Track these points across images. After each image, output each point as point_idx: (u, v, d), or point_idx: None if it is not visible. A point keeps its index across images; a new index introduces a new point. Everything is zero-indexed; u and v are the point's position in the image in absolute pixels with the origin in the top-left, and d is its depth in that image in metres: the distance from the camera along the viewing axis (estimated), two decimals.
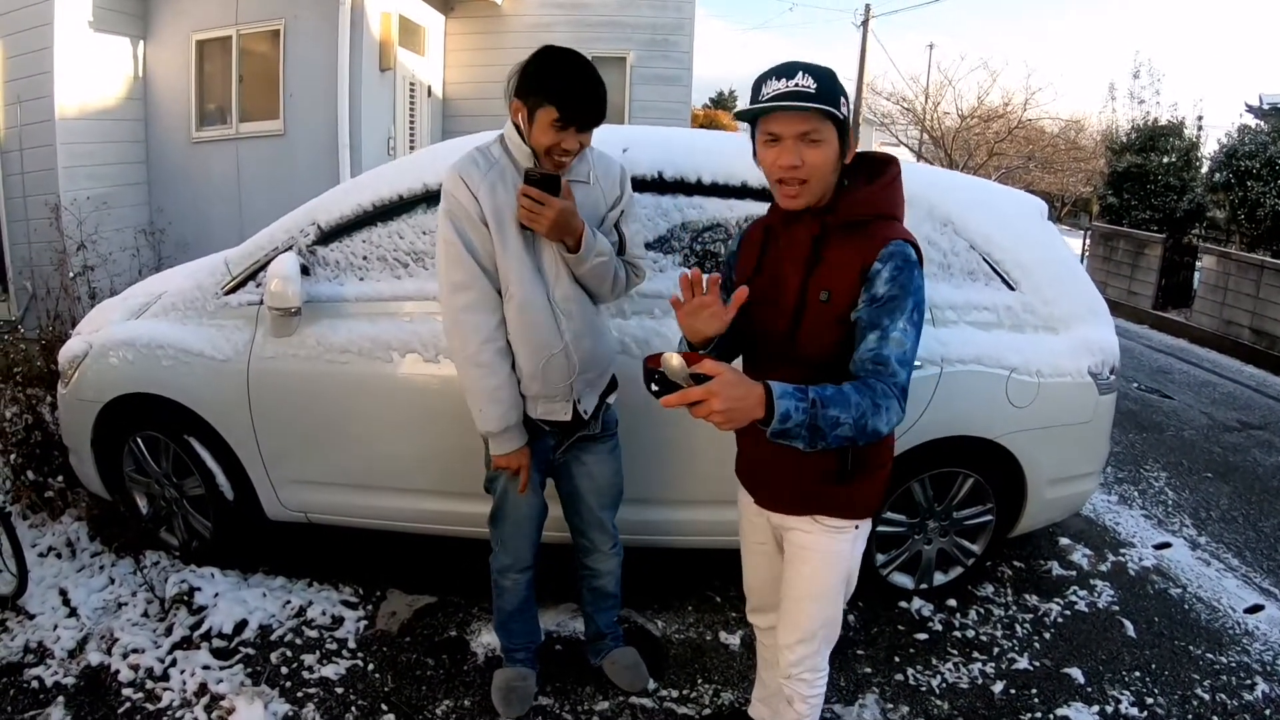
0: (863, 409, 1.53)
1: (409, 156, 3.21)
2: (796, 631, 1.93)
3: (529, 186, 1.95)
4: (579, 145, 2.02)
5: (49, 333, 4.11)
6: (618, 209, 2.20)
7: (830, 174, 1.67)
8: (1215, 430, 5.62)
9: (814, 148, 1.63)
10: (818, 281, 1.69)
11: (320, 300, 2.79)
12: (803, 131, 1.62)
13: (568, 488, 2.38)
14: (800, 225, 1.73)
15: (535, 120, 1.97)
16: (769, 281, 1.79)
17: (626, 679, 2.60)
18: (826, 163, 1.64)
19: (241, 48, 7.14)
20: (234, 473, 2.98)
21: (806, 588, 1.90)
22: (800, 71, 1.61)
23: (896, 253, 1.64)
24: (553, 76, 1.96)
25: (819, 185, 1.67)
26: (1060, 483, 3.10)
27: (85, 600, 2.89)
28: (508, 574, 2.39)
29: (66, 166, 6.16)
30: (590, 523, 2.41)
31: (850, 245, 1.67)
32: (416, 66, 8.63)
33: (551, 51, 2.00)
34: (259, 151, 7.15)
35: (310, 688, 2.56)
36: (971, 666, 2.82)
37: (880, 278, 1.62)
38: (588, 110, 1.98)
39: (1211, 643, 3.04)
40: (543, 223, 1.97)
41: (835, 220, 1.69)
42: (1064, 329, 2.98)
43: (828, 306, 1.68)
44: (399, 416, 2.78)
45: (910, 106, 19.12)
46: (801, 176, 1.65)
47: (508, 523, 2.33)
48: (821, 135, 1.62)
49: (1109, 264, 11.04)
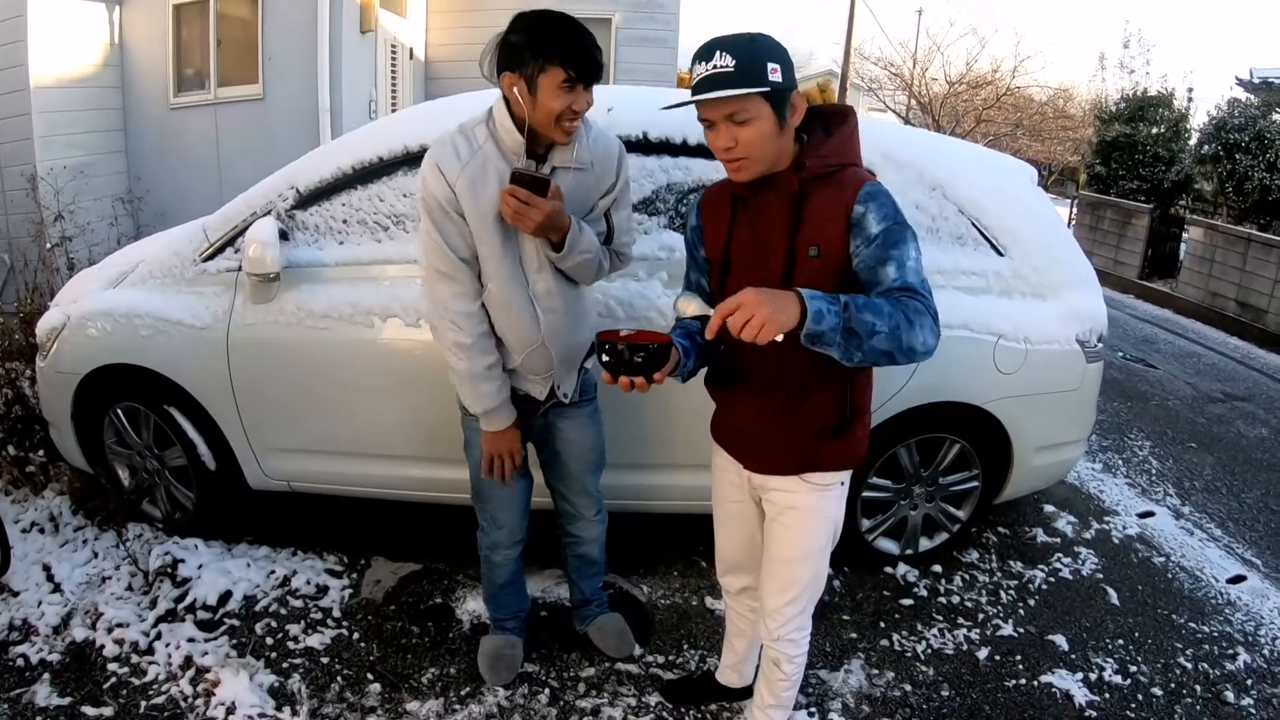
0: (896, 320, 1.50)
1: (389, 117, 3.14)
2: (784, 594, 1.92)
3: (515, 187, 1.86)
4: (587, 103, 1.92)
5: (27, 305, 4.05)
6: (611, 195, 2.11)
7: (771, 143, 1.65)
8: (1199, 401, 5.65)
9: (744, 127, 1.62)
10: (805, 239, 1.67)
11: (300, 265, 2.74)
12: (728, 114, 1.61)
13: (548, 454, 2.34)
14: (773, 187, 1.71)
15: (540, 87, 1.85)
16: (747, 249, 1.77)
17: (613, 645, 2.60)
18: (760, 136, 1.63)
19: (219, 11, 6.98)
20: (215, 442, 2.94)
21: (795, 548, 1.89)
22: (718, 51, 1.59)
23: (875, 192, 1.65)
24: (549, 37, 1.85)
25: (760, 157, 1.66)
26: (1046, 450, 3.10)
27: (69, 575, 2.87)
28: (499, 549, 2.36)
29: (42, 136, 6.04)
30: (573, 489, 2.38)
31: (827, 196, 1.67)
32: (398, 29, 8.48)
33: (535, 15, 1.89)
34: (238, 117, 7.02)
35: (295, 658, 2.55)
36: (956, 632, 2.83)
37: (869, 218, 1.62)
38: (594, 63, 1.89)
39: (1194, 612, 3.06)
40: (528, 224, 1.89)
41: (808, 175, 1.68)
42: (1052, 296, 2.96)
43: (819, 262, 1.66)
44: (381, 382, 2.75)
45: (898, 72, 19.02)
46: (738, 155, 1.65)
47: (494, 500, 2.29)
48: (748, 113, 1.60)
49: (1095, 233, 11.05)
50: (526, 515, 2.36)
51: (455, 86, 4.40)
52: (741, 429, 1.90)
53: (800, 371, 1.74)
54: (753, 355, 1.68)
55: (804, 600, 1.93)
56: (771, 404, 1.81)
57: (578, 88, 1.87)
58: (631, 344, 1.55)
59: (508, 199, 1.86)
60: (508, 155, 1.96)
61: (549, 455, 2.35)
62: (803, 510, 1.85)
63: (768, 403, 1.81)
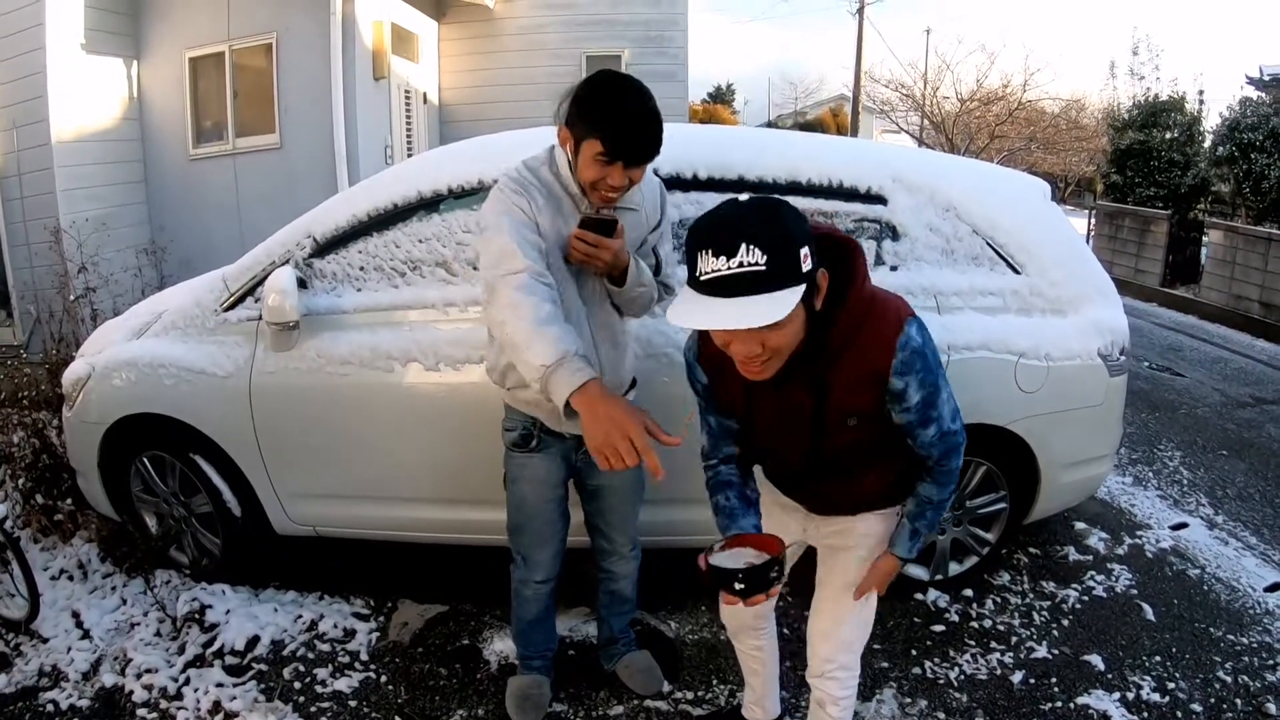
0: (948, 492, 1.74)
1: (402, 163, 3.19)
2: (833, 624, 1.89)
3: (584, 231, 1.88)
4: (628, 182, 1.88)
5: (53, 356, 4.12)
6: (658, 231, 2.16)
7: (800, 335, 1.44)
8: (1228, 407, 5.56)
9: (775, 331, 1.36)
10: (837, 409, 1.58)
11: (319, 313, 2.77)
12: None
13: (590, 487, 2.32)
14: (792, 371, 1.52)
15: (581, 151, 1.85)
16: (772, 415, 1.65)
17: (641, 683, 2.58)
18: (792, 337, 1.41)
19: (235, 63, 7.14)
20: (241, 489, 2.97)
21: (851, 572, 1.87)
22: (743, 245, 1.28)
23: (909, 360, 1.51)
24: (601, 104, 1.81)
25: (787, 352, 1.45)
26: (1073, 467, 3.06)
27: (98, 621, 2.90)
28: (529, 584, 2.35)
29: (65, 189, 6.16)
30: (612, 524, 2.37)
31: (856, 362, 1.52)
32: (411, 74, 8.62)
33: (603, 76, 1.86)
34: (257, 166, 7.16)
35: (324, 702, 2.55)
36: (990, 657, 2.79)
37: (910, 390, 1.54)
38: (637, 145, 1.82)
39: (1232, 624, 3.00)
40: (599, 265, 1.93)
41: (832, 347, 1.50)
42: (1072, 311, 2.93)
43: (856, 427, 1.61)
44: (402, 426, 2.77)
45: (909, 93, 19.05)
46: (764, 359, 1.42)
47: (528, 536, 2.29)
48: (784, 321, 1.33)
49: (1115, 242, 10.96)
50: (561, 555, 2.34)
51: (470, 130, 4.47)
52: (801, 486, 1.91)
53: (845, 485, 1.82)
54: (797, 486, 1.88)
55: (850, 638, 1.90)
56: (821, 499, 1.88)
57: (616, 165, 1.83)
58: (757, 569, 1.52)
59: (575, 244, 1.89)
60: (572, 193, 1.97)
61: (591, 488, 2.32)
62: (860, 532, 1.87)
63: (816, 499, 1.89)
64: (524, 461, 2.21)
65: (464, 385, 2.67)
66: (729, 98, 37.07)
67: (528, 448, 2.19)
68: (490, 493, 2.37)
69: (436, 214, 2.73)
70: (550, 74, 9.01)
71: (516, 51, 9.39)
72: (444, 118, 9.52)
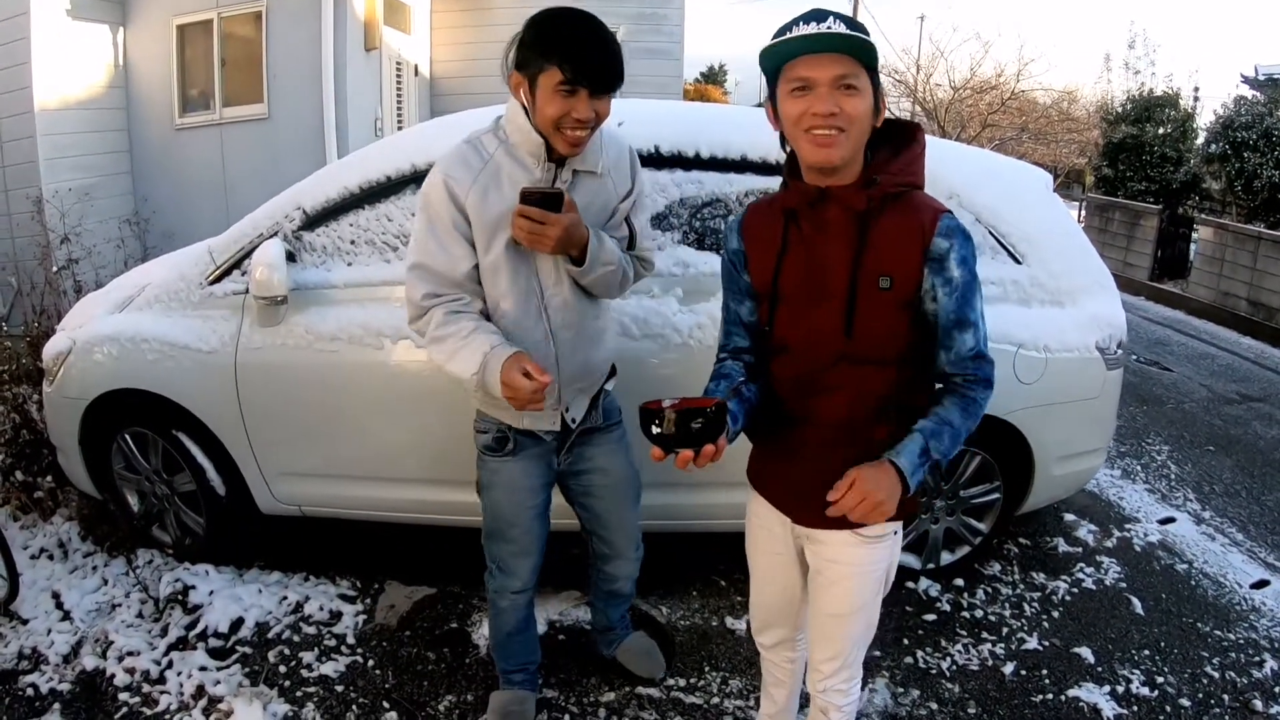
0: (965, 429, 1.54)
1: (395, 135, 3.12)
2: (831, 647, 1.76)
3: (527, 207, 1.71)
4: (594, 114, 1.73)
5: (35, 329, 4.03)
6: (629, 200, 1.97)
7: (866, 131, 1.48)
8: (1215, 403, 5.58)
9: (851, 96, 1.43)
10: (872, 267, 1.49)
11: (307, 287, 2.71)
12: (838, 75, 1.41)
13: (580, 490, 2.18)
14: (836, 202, 1.50)
15: (538, 88, 1.70)
16: (802, 278, 1.57)
17: (644, 666, 2.52)
18: (864, 115, 1.45)
19: (223, 31, 7.00)
20: (225, 467, 2.91)
21: (844, 604, 1.71)
22: (831, 17, 1.42)
23: (955, 227, 1.49)
24: (553, 34, 1.69)
25: (856, 139, 1.47)
26: (1068, 459, 3.04)
27: (78, 603, 2.84)
28: (505, 594, 2.20)
29: (48, 158, 6.03)
30: (611, 525, 2.23)
31: (897, 220, 1.49)
32: (402, 45, 8.49)
33: (546, 12, 1.72)
34: (244, 136, 7.02)
35: (309, 686, 2.51)
36: (981, 647, 2.78)
37: (951, 259, 1.48)
38: (599, 66, 1.69)
39: (1219, 619, 3.01)
40: (546, 244, 1.75)
41: (879, 192, 1.49)
42: (1071, 303, 2.92)
43: (889, 295, 1.49)
44: (392, 405, 2.72)
45: (902, 79, 18.96)
46: (838, 125, 1.43)
47: (504, 544, 2.14)
48: (859, 83, 1.43)
49: (1104, 235, 10.98)
50: (540, 565, 2.21)
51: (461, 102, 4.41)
52: (789, 482, 1.71)
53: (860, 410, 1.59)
54: (811, 395, 1.60)
55: (853, 654, 1.78)
56: (823, 442, 1.62)
57: (580, 93, 1.70)
58: (681, 411, 1.39)
59: (519, 222, 1.73)
60: (523, 160, 1.83)
61: (582, 490, 2.18)
62: (852, 565, 1.67)
63: (820, 442, 1.62)
64: (497, 467, 2.06)
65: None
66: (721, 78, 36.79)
67: (502, 451, 2.04)
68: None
69: None
70: None
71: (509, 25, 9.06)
72: (435, 90, 9.40)
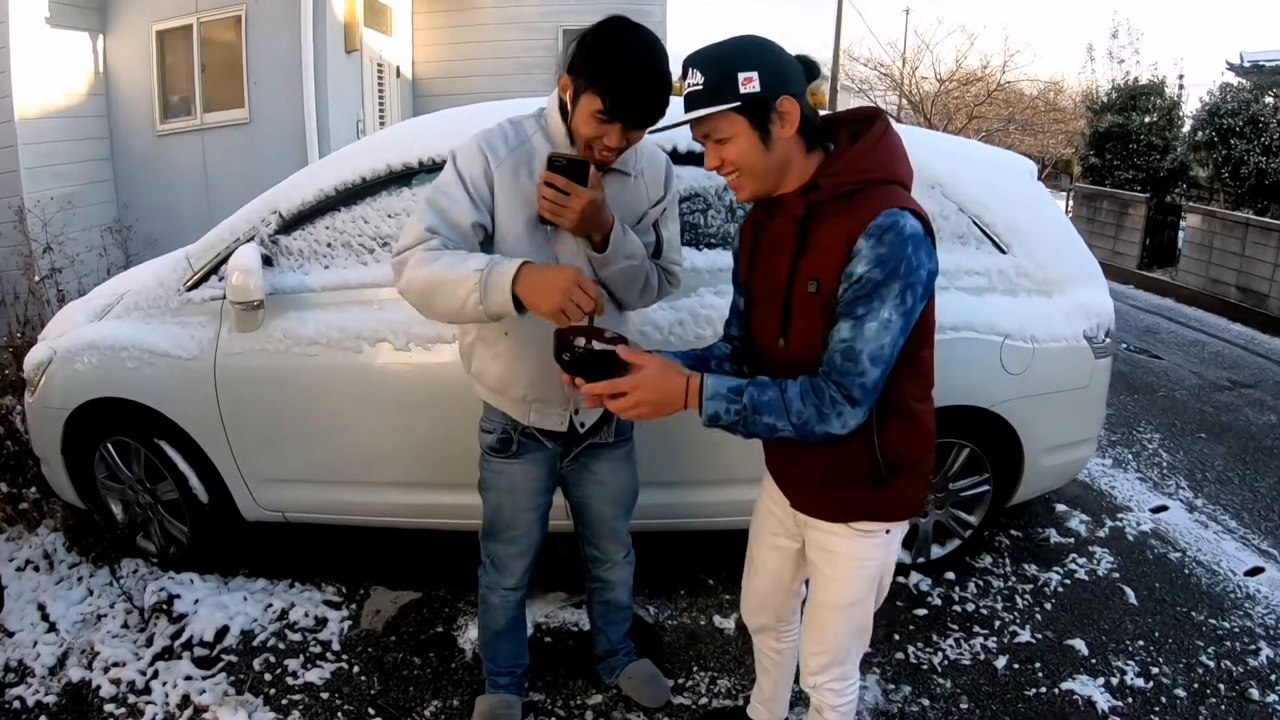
0: (804, 417, 1.44)
1: (371, 136, 3.09)
2: (822, 641, 1.78)
3: (552, 174, 1.67)
4: (625, 143, 1.73)
5: (18, 339, 3.99)
6: (660, 207, 1.94)
7: (759, 159, 1.49)
8: (1206, 390, 5.58)
9: (724, 145, 1.49)
10: (805, 270, 1.50)
11: (285, 291, 2.68)
12: (704, 134, 1.51)
13: (577, 496, 2.18)
14: (783, 210, 1.55)
15: (580, 104, 1.69)
16: (762, 280, 1.63)
17: (649, 695, 2.44)
18: (743, 153, 1.48)
19: (203, 36, 6.95)
20: (207, 474, 2.87)
21: (834, 594, 1.73)
22: (690, 69, 1.48)
23: (886, 225, 1.40)
24: (606, 58, 1.66)
25: (754, 174, 1.51)
26: (1057, 450, 3.03)
27: (64, 614, 2.81)
28: (497, 590, 2.19)
29: (29, 167, 5.96)
30: (602, 533, 2.22)
31: (838, 222, 1.46)
32: (384, 47, 8.46)
33: (613, 25, 1.69)
34: (225, 141, 6.98)
35: (295, 694, 2.48)
36: (973, 642, 2.76)
37: (860, 256, 1.41)
38: (641, 107, 1.67)
39: (1213, 608, 2.99)
40: (568, 216, 1.69)
41: (821, 196, 1.49)
42: (1058, 292, 2.90)
43: (816, 298, 1.48)
44: (372, 408, 2.69)
45: (888, 72, 18.97)
46: (729, 172, 1.53)
47: (502, 544, 2.13)
48: (723, 131, 1.48)
49: (1092, 225, 10.99)
50: (535, 565, 2.20)
51: (444, 103, 4.38)
52: (779, 465, 1.77)
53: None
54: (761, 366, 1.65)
55: (842, 652, 1.78)
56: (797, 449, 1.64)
57: (615, 125, 1.68)
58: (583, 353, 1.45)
59: (544, 190, 1.68)
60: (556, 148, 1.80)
61: (578, 497, 2.18)
62: (843, 555, 1.69)
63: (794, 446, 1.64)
64: (501, 468, 2.04)
65: (435, 365, 2.59)
66: None
67: (506, 453, 2.02)
68: (463, 476, 2.28)
69: (407, 188, 2.64)
70: (525, 48, 8.91)
71: (492, 25, 9.25)
72: (417, 91, 9.37)
